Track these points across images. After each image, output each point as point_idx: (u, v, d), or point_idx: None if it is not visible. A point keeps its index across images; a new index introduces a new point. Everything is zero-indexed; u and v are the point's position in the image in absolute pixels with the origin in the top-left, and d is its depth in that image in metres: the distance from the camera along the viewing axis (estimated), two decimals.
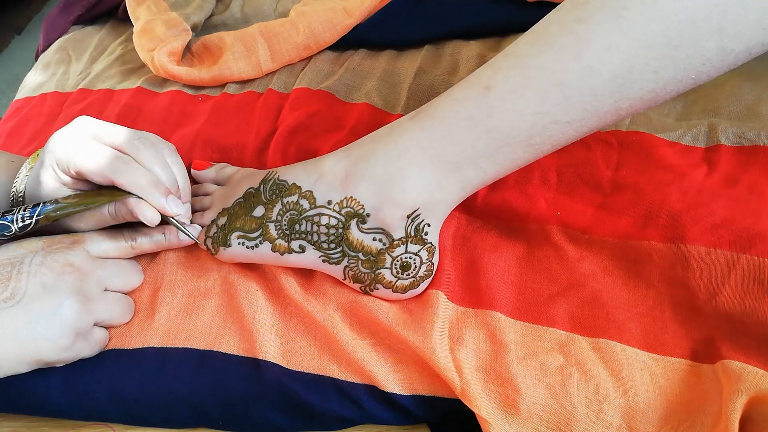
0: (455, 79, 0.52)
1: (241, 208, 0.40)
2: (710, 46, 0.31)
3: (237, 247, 0.40)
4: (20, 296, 0.34)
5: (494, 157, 0.35)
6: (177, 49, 0.58)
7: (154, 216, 0.37)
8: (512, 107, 0.33)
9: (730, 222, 0.37)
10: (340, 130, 0.50)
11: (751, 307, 0.34)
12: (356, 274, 0.38)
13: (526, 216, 0.41)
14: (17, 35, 0.87)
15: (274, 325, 0.39)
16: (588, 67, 0.32)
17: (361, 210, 0.37)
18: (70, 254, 0.37)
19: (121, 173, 0.36)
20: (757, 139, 0.42)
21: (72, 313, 0.35)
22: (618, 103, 0.33)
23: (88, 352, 0.38)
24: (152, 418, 0.39)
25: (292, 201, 0.38)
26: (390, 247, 0.37)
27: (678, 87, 0.33)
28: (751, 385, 0.32)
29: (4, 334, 0.33)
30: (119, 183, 0.36)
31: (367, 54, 0.58)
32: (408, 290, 0.39)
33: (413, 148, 0.36)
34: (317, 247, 0.38)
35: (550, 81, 0.33)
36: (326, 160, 0.38)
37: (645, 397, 0.34)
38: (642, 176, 0.41)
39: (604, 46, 0.31)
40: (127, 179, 0.36)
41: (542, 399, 0.35)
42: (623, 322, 0.37)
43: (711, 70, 0.32)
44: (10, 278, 0.35)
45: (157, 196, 0.37)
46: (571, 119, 0.34)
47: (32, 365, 0.35)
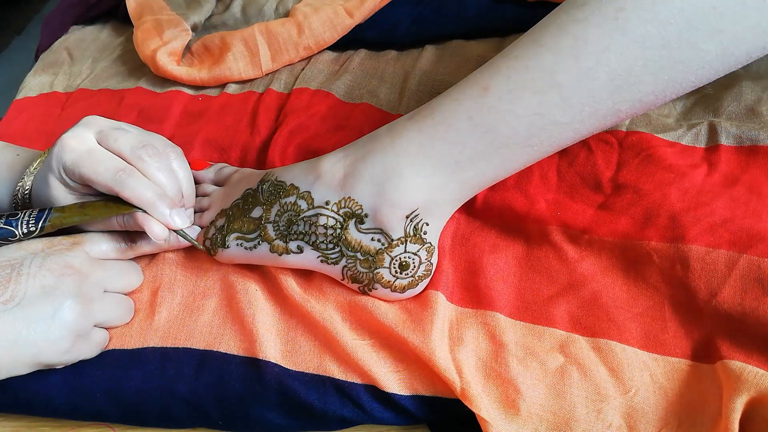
0: (456, 80, 0.51)
1: (239, 209, 0.40)
2: (709, 49, 0.31)
3: (235, 248, 0.40)
4: (20, 298, 0.34)
5: (493, 158, 0.35)
6: (177, 49, 0.58)
7: (162, 232, 0.37)
8: (510, 108, 0.33)
9: (730, 222, 0.37)
10: (341, 131, 0.50)
11: (751, 307, 0.34)
12: (354, 274, 0.38)
13: (526, 216, 0.41)
14: (17, 35, 0.87)
15: (274, 325, 0.39)
16: (586, 69, 0.32)
17: (359, 210, 0.36)
18: (70, 256, 0.37)
19: (126, 187, 0.36)
20: (757, 139, 0.42)
21: (72, 315, 0.35)
22: (617, 105, 0.33)
23: (88, 354, 0.37)
24: (152, 418, 0.39)
25: (290, 202, 0.38)
26: (389, 247, 0.37)
27: (678, 89, 0.33)
28: (751, 385, 0.32)
29: (4, 337, 0.33)
30: (124, 197, 0.36)
31: (367, 54, 0.58)
32: (407, 290, 0.39)
33: (411, 149, 0.35)
34: (315, 247, 0.38)
35: (548, 82, 0.33)
36: (324, 161, 0.38)
37: (645, 397, 0.34)
38: (642, 176, 0.41)
39: (602, 48, 0.31)
40: (132, 194, 0.36)
41: (542, 399, 0.35)
42: (623, 322, 0.37)
43: (711, 73, 0.32)
44: (9, 280, 0.34)
45: (162, 211, 0.37)
46: (569, 120, 0.33)
47: (32, 367, 0.35)
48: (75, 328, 0.35)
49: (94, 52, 0.66)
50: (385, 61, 0.57)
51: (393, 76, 0.55)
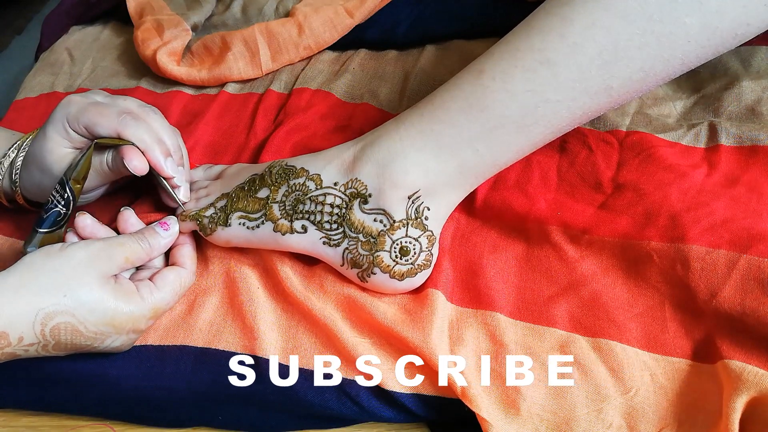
0: None
1: (244, 190, 0.41)
2: (692, 22, 0.32)
3: (237, 227, 0.40)
4: None
5: (489, 139, 0.37)
6: (177, 49, 0.58)
7: (142, 165, 0.39)
8: (503, 86, 0.35)
9: (730, 222, 0.37)
10: (341, 131, 0.50)
11: (751, 307, 0.34)
12: (355, 257, 0.38)
13: (526, 216, 0.41)
14: (17, 35, 0.87)
15: (275, 323, 0.39)
16: (573, 44, 0.34)
17: (364, 190, 0.38)
18: None
19: (130, 127, 0.39)
20: (757, 139, 0.42)
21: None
22: (607, 81, 0.34)
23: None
24: (151, 415, 0.39)
25: (299, 183, 0.39)
26: (390, 228, 0.37)
27: (667, 68, 0.34)
28: (751, 385, 0.32)
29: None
30: (126, 135, 0.39)
31: (367, 54, 0.58)
32: (405, 278, 0.38)
33: (413, 132, 0.37)
34: (319, 227, 0.38)
35: (538, 59, 0.35)
36: (336, 148, 0.40)
37: (645, 396, 0.34)
38: (642, 176, 0.41)
39: (587, 24, 0.33)
40: (134, 133, 0.39)
41: (542, 399, 0.35)
42: (623, 322, 0.37)
43: (698, 50, 0.34)
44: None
45: (158, 154, 0.40)
46: (561, 98, 0.35)
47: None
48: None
49: (95, 52, 0.66)
50: (386, 61, 0.57)
51: (393, 76, 0.55)
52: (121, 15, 0.68)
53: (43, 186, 0.41)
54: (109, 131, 0.39)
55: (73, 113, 0.39)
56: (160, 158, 0.40)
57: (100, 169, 0.41)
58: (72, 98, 0.40)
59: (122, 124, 0.39)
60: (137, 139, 0.39)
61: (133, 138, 0.39)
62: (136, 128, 0.39)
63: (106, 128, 0.39)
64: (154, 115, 0.42)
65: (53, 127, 0.40)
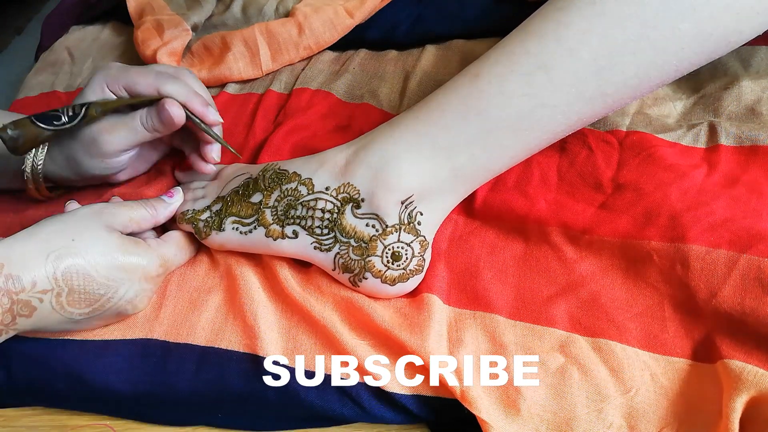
0: None
1: (238, 195, 0.41)
2: (686, 28, 0.33)
3: (231, 232, 0.40)
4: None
5: (484, 143, 0.37)
6: (177, 49, 0.58)
7: (180, 113, 0.41)
8: (499, 90, 0.35)
9: (730, 222, 0.37)
10: (341, 131, 0.50)
11: (751, 307, 0.34)
12: (346, 262, 0.38)
13: (526, 216, 0.41)
14: (17, 35, 0.87)
15: (276, 323, 0.39)
16: (568, 49, 0.34)
17: (357, 195, 0.37)
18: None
19: (169, 84, 0.41)
20: (757, 139, 0.42)
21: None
22: (602, 87, 0.35)
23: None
24: (152, 413, 0.39)
25: (291, 188, 0.39)
26: (382, 233, 0.37)
27: (661, 74, 0.35)
28: (751, 385, 0.32)
29: None
30: (165, 91, 0.41)
31: (367, 54, 0.58)
32: (397, 283, 0.38)
33: (408, 135, 0.37)
34: (310, 232, 0.38)
35: (534, 63, 0.35)
36: (329, 152, 0.40)
37: (645, 396, 0.34)
38: (642, 176, 0.41)
39: (583, 29, 0.34)
40: (173, 88, 0.41)
41: (542, 399, 0.35)
42: (623, 322, 0.37)
43: (691, 56, 0.34)
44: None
45: (198, 103, 0.42)
46: (557, 102, 0.35)
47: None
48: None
49: (95, 52, 0.66)
50: (386, 61, 0.57)
51: (393, 76, 0.55)
52: (121, 15, 0.68)
53: (72, 155, 0.42)
54: (148, 89, 0.41)
55: (113, 74, 0.42)
56: (203, 107, 0.42)
57: (131, 125, 0.42)
58: (111, 63, 0.43)
59: (161, 81, 0.41)
60: (177, 94, 0.41)
61: (172, 93, 0.41)
62: (174, 84, 0.42)
63: (144, 86, 0.41)
64: (189, 74, 0.45)
65: (91, 90, 0.42)
